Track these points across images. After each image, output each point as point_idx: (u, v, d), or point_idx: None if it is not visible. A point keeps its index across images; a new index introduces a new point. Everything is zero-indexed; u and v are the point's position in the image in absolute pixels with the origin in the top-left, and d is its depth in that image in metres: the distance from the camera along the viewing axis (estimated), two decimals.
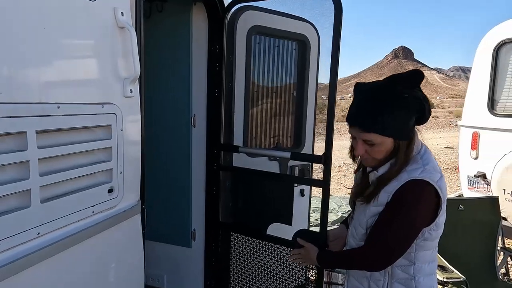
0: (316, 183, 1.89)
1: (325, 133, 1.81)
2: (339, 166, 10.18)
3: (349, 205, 1.67)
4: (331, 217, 5.98)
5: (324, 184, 1.82)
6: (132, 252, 1.43)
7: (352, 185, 1.62)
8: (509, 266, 3.48)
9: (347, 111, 1.33)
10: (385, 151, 1.25)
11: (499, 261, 3.25)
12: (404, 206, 1.22)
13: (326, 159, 1.81)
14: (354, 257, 1.38)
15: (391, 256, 1.27)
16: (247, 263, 2.26)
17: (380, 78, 1.50)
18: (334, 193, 7.13)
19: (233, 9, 2.15)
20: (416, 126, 1.30)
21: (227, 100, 2.21)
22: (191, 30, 2.24)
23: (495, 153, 3.80)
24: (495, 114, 4.01)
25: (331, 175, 1.83)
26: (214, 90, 2.23)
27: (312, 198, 2.89)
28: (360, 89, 1.30)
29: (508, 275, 3.49)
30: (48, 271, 1.05)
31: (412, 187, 1.21)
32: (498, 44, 3.96)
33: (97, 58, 1.21)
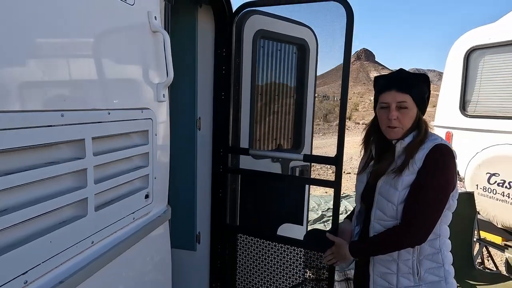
0: (329, 183, 1.96)
1: (337, 136, 1.88)
2: (312, 165, 10.42)
3: (355, 201, 1.75)
4: (312, 216, 6.14)
5: (336, 184, 1.89)
6: (162, 258, 1.42)
7: (355, 184, 1.71)
8: (484, 256, 3.77)
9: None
10: (411, 119, 1.45)
11: (475, 251, 3.52)
12: (438, 166, 1.37)
13: (338, 160, 1.88)
14: (395, 239, 1.41)
15: (432, 223, 1.37)
16: (254, 265, 2.28)
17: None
18: (312, 192, 7.32)
19: (240, 13, 2.17)
20: None
21: (233, 103, 2.22)
22: (197, 32, 2.23)
23: (468, 151, 4.09)
24: (466, 115, 4.31)
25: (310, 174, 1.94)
26: (220, 93, 2.23)
27: None
28: (383, 75, 1.56)
29: (484, 264, 3.78)
30: (100, 280, 1.02)
31: (441, 150, 1.38)
32: (468, 50, 4.27)
33: (136, 62, 1.19)
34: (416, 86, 1.46)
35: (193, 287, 2.47)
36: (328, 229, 1.93)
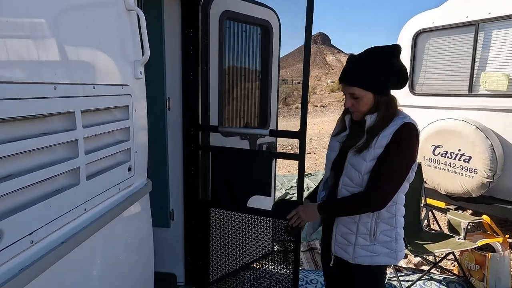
0: (293, 156, 2.12)
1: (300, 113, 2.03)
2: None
3: (325, 168, 1.91)
4: (276, 194, 6.41)
5: (301, 156, 2.05)
6: (145, 227, 1.50)
7: (327, 152, 1.87)
8: (430, 219, 4.22)
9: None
10: (367, 105, 1.55)
11: (422, 215, 3.94)
12: (403, 142, 1.50)
13: (301, 135, 2.04)
14: (359, 204, 1.57)
15: (392, 193, 1.52)
16: (226, 237, 2.42)
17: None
18: (276, 171, 7.63)
19: None
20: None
21: (202, 83, 2.29)
22: (163, 13, 2.24)
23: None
24: (414, 94, 4.70)
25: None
26: (189, 73, 2.29)
27: None
28: (351, 57, 1.61)
29: (430, 226, 4.23)
30: (93, 244, 1.09)
31: (408, 127, 1.52)
32: (416, 33, 4.62)
33: (114, 40, 1.23)
34: (363, 75, 1.53)
35: (169, 262, 2.56)
36: (293, 199, 2.11)
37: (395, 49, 1.55)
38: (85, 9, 1.07)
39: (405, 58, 4.74)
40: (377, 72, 1.52)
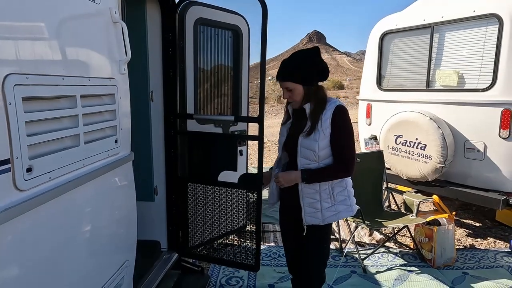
0: (253, 138, 2.57)
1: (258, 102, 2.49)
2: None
3: (278, 150, 2.36)
4: None
5: (259, 138, 2.51)
6: (127, 184, 1.96)
7: (279, 137, 2.33)
8: (390, 200, 4.70)
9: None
10: (300, 95, 2.01)
11: (384, 197, 4.42)
12: (346, 120, 1.99)
13: (260, 119, 2.49)
14: (338, 171, 2.01)
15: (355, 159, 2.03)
16: (201, 207, 2.87)
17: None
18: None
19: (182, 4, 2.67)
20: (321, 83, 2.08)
21: (180, 78, 2.75)
22: (146, 20, 2.69)
23: (382, 119, 4.96)
24: (381, 89, 5.17)
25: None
26: (169, 70, 2.74)
27: None
28: (283, 60, 2.07)
29: (390, 206, 4.72)
30: (88, 191, 1.55)
31: (342, 108, 2.01)
32: (382, 34, 5.09)
33: (104, 45, 1.69)
34: (294, 71, 1.97)
35: (153, 231, 3.01)
36: (255, 173, 2.57)
37: (316, 50, 2.03)
38: (83, 24, 1.52)
39: (373, 57, 5.21)
40: (303, 69, 1.97)
